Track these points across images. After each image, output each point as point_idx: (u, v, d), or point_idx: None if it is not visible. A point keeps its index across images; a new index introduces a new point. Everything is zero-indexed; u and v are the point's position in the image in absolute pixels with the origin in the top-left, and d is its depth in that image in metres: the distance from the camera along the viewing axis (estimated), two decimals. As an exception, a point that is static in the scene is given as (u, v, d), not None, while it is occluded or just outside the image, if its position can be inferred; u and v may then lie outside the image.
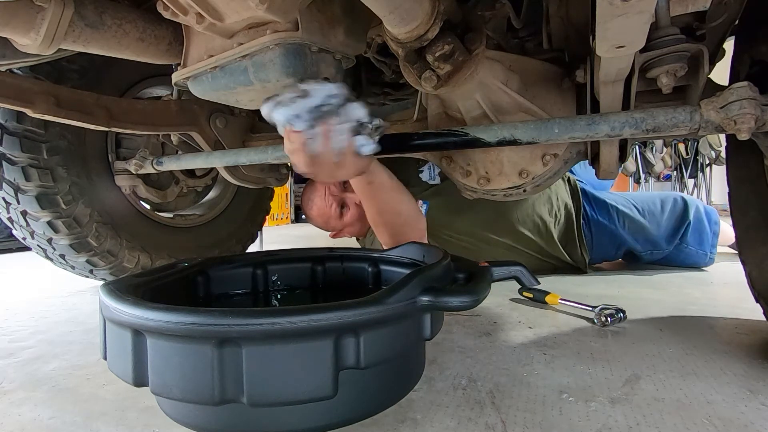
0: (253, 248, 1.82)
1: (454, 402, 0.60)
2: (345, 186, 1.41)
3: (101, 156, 1.28)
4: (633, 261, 1.60)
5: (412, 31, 0.60)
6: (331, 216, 1.38)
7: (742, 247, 0.81)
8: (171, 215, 1.54)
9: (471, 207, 1.41)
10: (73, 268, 1.32)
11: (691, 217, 1.49)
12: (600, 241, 1.52)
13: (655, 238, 1.51)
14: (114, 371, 0.49)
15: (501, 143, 0.75)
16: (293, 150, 0.65)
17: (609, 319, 0.91)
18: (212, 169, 1.57)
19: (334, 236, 1.49)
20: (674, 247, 1.51)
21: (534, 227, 1.44)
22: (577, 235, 1.48)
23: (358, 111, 0.66)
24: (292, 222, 4.98)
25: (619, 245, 1.54)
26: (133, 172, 1.27)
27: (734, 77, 0.76)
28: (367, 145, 0.67)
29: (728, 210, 0.84)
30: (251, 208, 1.77)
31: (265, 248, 2.05)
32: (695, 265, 1.55)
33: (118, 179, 1.30)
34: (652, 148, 4.52)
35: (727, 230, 1.63)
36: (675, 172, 4.51)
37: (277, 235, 3.50)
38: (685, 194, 1.61)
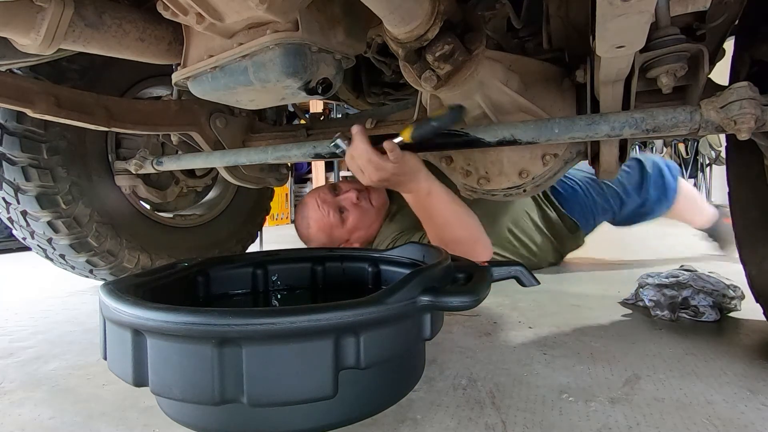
0: (253, 248, 1.82)
1: (454, 402, 0.60)
2: (336, 192, 1.36)
3: (101, 156, 1.28)
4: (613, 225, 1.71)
5: (412, 31, 0.60)
6: (332, 225, 1.29)
7: (742, 247, 0.81)
8: (171, 215, 1.54)
9: None
10: (73, 268, 1.32)
11: (649, 169, 1.56)
12: (573, 215, 1.59)
13: (620, 192, 1.58)
14: (114, 371, 0.49)
15: (501, 143, 0.75)
16: None
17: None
18: (212, 169, 1.57)
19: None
20: (642, 200, 1.58)
21: (524, 234, 1.47)
22: (560, 218, 1.54)
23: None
24: (292, 222, 4.98)
25: (593, 215, 1.61)
26: (133, 172, 1.27)
27: (734, 77, 0.76)
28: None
29: (728, 210, 0.85)
30: (251, 208, 1.77)
31: (265, 248, 2.05)
32: (663, 212, 1.64)
33: (118, 179, 1.30)
34: (652, 148, 4.52)
35: (707, 210, 1.70)
36: (675, 172, 4.52)
37: (277, 235, 3.50)
38: (637, 153, 1.71)
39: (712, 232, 1.71)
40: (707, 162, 4.34)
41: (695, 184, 4.42)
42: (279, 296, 0.84)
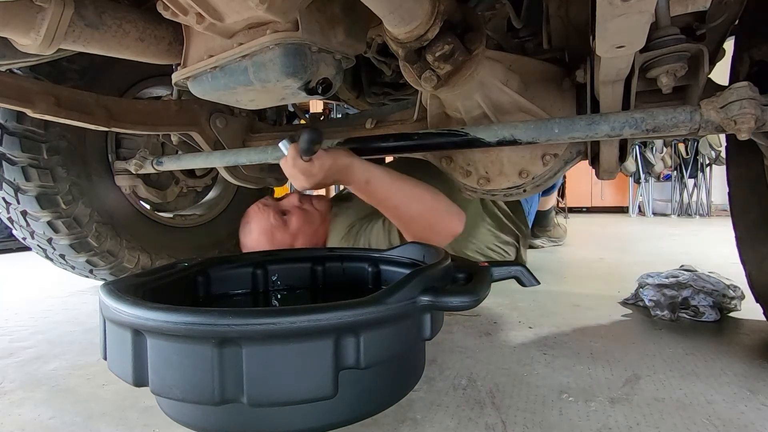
0: (253, 248, 1.82)
1: (454, 402, 0.60)
2: (275, 200, 1.29)
3: (101, 156, 1.28)
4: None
5: (412, 31, 0.60)
6: (274, 227, 1.19)
7: (742, 247, 0.81)
8: (171, 215, 1.54)
9: None
10: (73, 268, 1.32)
11: None
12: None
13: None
14: (114, 371, 0.49)
15: (501, 143, 0.75)
16: None
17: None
18: (212, 169, 1.57)
19: None
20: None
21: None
22: (519, 221, 1.54)
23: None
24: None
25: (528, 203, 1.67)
26: (133, 172, 1.27)
27: (734, 77, 0.76)
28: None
29: (728, 210, 0.85)
30: (251, 208, 1.77)
31: (265, 248, 2.04)
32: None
33: (118, 179, 1.30)
34: (652, 148, 4.51)
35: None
36: (675, 172, 4.50)
37: (277, 235, 3.50)
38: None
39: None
40: (707, 162, 4.33)
41: (695, 185, 4.41)
42: (279, 296, 0.84)
